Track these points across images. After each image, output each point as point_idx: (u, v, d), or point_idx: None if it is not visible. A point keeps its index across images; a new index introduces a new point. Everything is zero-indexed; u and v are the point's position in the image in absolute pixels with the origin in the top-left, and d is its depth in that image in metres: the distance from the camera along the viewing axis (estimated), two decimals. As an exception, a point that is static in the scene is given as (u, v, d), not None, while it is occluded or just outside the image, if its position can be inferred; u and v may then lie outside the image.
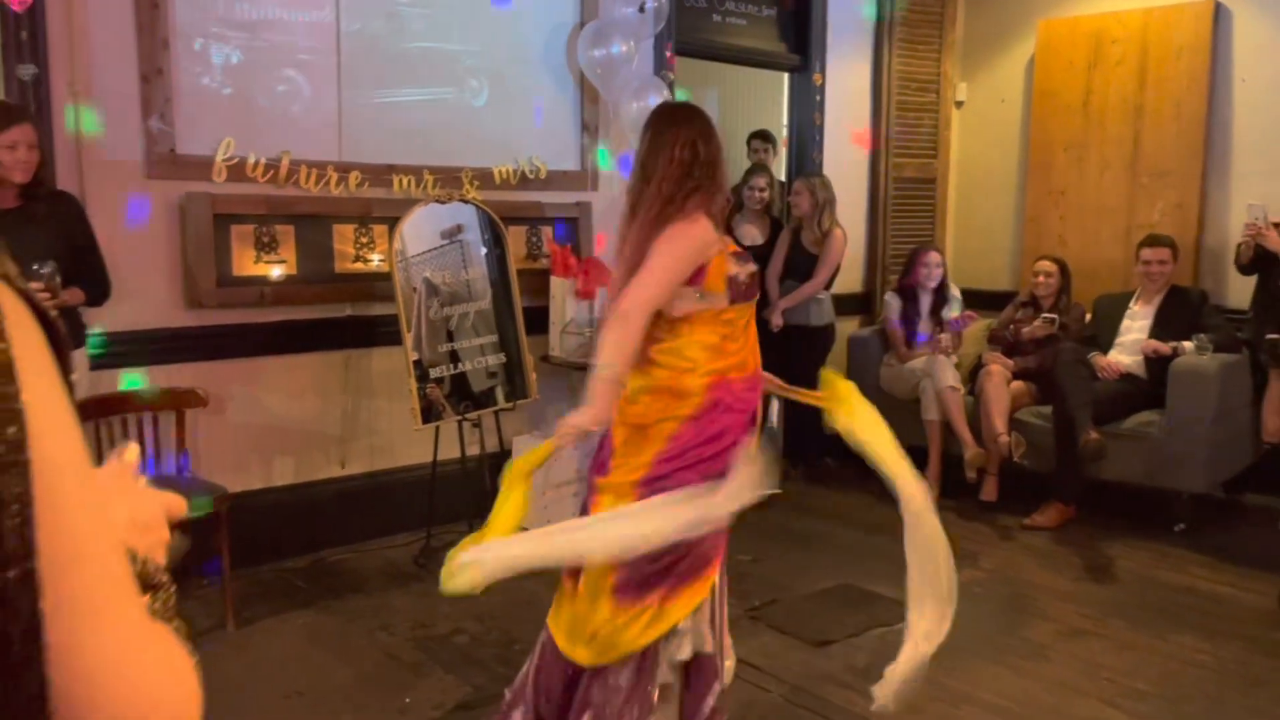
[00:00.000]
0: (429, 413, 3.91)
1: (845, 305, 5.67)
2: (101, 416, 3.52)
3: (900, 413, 5.30)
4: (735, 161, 6.26)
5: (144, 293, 3.71)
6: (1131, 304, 5.02)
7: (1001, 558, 4.30)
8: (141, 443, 3.59)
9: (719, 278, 2.40)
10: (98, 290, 3.36)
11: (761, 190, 5.51)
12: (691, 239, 2.36)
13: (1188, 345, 4.68)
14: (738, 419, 2.43)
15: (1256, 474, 4.92)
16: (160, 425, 3.63)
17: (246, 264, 3.93)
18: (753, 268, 2.53)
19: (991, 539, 4.54)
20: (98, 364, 3.57)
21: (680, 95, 5.14)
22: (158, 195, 3.72)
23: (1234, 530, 4.66)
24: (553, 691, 2.46)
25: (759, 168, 5.76)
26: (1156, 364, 4.75)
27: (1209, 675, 3.20)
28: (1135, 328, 4.95)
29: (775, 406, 5.97)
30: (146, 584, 0.68)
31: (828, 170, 5.63)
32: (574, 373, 4.78)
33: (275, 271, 3.99)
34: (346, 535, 4.25)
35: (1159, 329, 4.85)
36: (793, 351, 5.25)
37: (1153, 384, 4.74)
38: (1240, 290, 5.01)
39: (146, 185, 3.69)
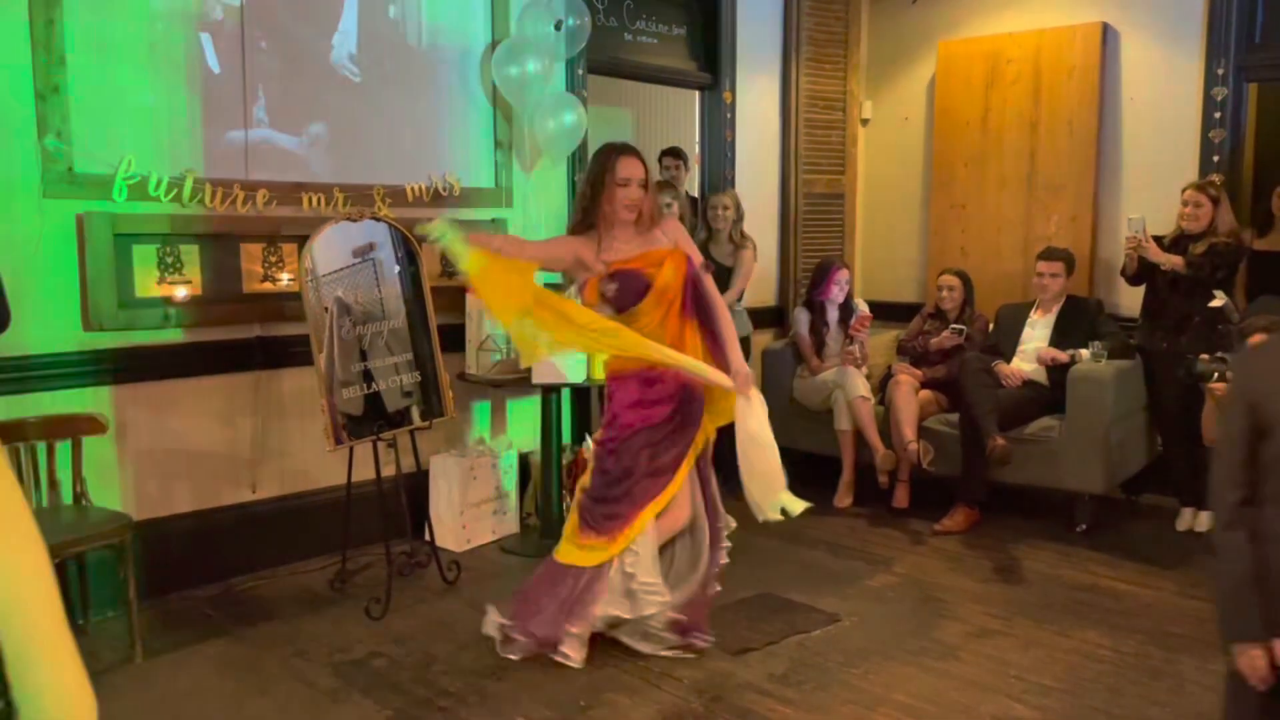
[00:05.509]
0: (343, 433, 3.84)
1: (759, 319, 5.76)
2: (-4, 445, 3.38)
3: (814, 423, 5.44)
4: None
5: (41, 316, 3.58)
6: (1031, 314, 5.19)
7: (913, 562, 4.40)
8: (37, 473, 3.48)
9: (593, 292, 3.32)
10: None
11: (666, 205, 5.56)
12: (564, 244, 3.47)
13: (1084, 353, 4.86)
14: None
15: (1152, 475, 5.14)
16: (56, 454, 3.50)
17: (149, 285, 3.83)
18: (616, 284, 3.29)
19: (903, 544, 4.65)
20: (-9, 391, 3.44)
21: (593, 113, 5.16)
22: (55, 215, 3.61)
23: (1132, 529, 4.85)
24: None
25: (663, 185, 5.81)
26: (1056, 371, 4.92)
27: (1109, 669, 3.33)
28: (1035, 336, 5.12)
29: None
30: None
31: (740, 186, 5.72)
32: (492, 390, 4.76)
33: (180, 292, 3.90)
34: (258, 561, 4.15)
35: (1058, 337, 5.03)
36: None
37: (1053, 390, 4.91)
38: (1132, 299, 5.23)
39: (43, 205, 3.58)
